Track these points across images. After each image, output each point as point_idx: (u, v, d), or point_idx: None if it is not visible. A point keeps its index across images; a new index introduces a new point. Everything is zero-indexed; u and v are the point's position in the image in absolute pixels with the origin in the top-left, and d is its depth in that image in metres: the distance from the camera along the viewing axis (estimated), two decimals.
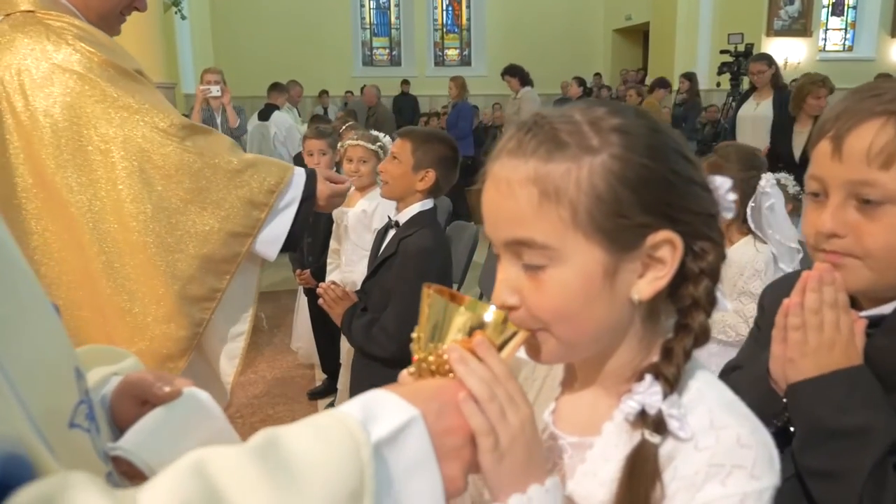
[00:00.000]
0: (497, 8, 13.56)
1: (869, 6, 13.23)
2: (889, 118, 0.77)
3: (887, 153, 0.76)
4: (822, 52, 12.63)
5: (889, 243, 0.78)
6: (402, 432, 0.54)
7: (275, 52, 11.61)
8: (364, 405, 0.55)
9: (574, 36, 13.49)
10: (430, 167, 2.01)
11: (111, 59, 1.43)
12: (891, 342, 0.82)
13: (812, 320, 0.80)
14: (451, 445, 0.57)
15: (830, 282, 0.80)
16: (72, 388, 0.58)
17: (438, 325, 0.62)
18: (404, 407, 0.56)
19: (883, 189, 0.77)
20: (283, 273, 5.80)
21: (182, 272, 1.46)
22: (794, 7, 12.14)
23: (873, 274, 0.80)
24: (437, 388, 0.60)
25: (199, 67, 8.79)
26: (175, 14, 7.57)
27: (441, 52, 14.31)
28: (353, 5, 13.39)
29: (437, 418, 0.56)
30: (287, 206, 1.60)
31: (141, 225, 1.42)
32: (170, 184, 1.44)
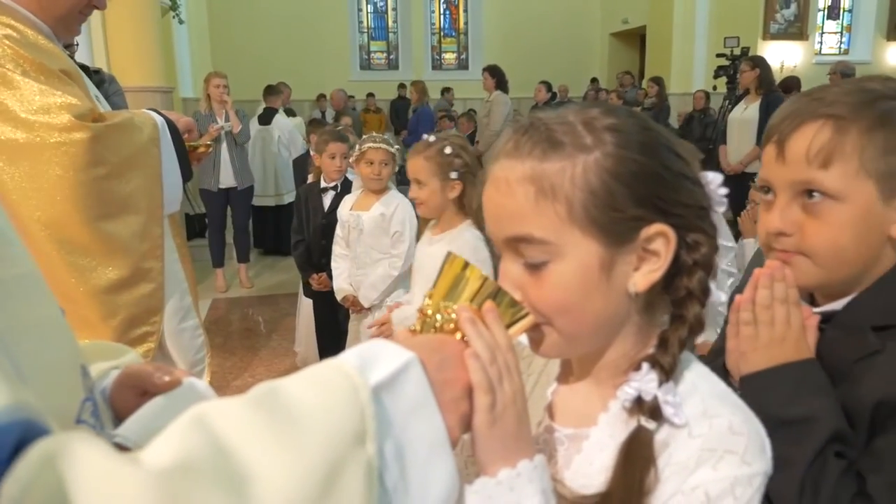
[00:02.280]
0: (495, 12, 13.59)
1: (864, 10, 13.27)
2: (827, 120, 0.81)
3: (825, 153, 0.80)
4: (819, 56, 12.67)
5: (832, 240, 0.81)
6: (400, 376, 0.55)
7: (273, 57, 11.62)
8: (360, 353, 0.56)
9: (571, 40, 13.52)
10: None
11: (33, 58, 1.46)
12: (840, 336, 0.85)
13: (763, 315, 0.83)
14: (450, 397, 0.58)
15: (781, 278, 0.82)
16: (78, 386, 0.59)
17: (453, 289, 0.65)
18: (400, 352, 0.56)
19: (823, 187, 0.80)
20: (280, 276, 5.82)
21: (133, 234, 1.59)
22: (791, 11, 12.18)
23: (821, 270, 0.83)
24: (441, 341, 0.61)
25: (197, 72, 8.79)
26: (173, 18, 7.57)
27: (439, 56, 14.33)
28: (351, 9, 13.41)
29: (439, 369, 0.57)
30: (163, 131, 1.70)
31: (71, 200, 1.49)
32: (87, 158, 1.49)
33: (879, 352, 0.80)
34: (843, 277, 0.84)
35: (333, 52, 12.83)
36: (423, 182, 2.06)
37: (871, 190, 0.80)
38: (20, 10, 1.49)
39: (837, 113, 0.80)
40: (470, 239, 2.02)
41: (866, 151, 0.79)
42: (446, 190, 2.06)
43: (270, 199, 6.24)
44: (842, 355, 0.83)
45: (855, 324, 0.84)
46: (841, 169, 0.79)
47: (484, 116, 6.93)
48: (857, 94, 0.81)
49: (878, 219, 0.81)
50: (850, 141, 0.79)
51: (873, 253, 0.82)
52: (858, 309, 0.84)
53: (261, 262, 6.37)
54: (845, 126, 0.79)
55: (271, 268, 6.16)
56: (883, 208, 0.80)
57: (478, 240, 2.02)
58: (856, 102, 0.80)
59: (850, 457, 0.79)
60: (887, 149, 0.79)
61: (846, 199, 0.80)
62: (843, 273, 0.83)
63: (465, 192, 2.07)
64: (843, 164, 0.79)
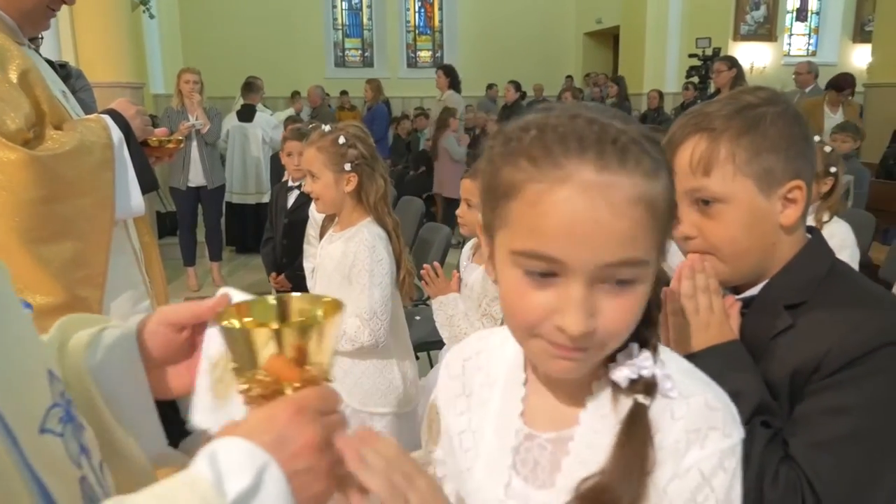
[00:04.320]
0: (469, 10, 13.60)
1: (832, 13, 13.54)
2: (703, 134, 0.93)
3: (704, 163, 0.92)
4: (787, 57, 12.90)
5: (728, 236, 0.92)
6: (259, 484, 0.53)
7: (246, 53, 11.49)
8: (212, 461, 0.53)
9: (545, 39, 13.59)
10: None
11: None
12: (758, 317, 0.95)
13: (688, 305, 0.92)
14: (304, 467, 0.56)
15: (701, 269, 0.92)
16: (44, 392, 0.57)
17: (245, 351, 0.61)
18: (255, 454, 0.54)
19: (710, 192, 0.92)
20: (254, 275, 5.76)
21: (72, 259, 1.49)
22: (760, 12, 12.39)
23: (727, 266, 0.94)
24: (269, 418, 0.57)
25: (169, 68, 8.66)
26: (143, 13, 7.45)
27: (414, 54, 14.30)
28: (325, 6, 13.31)
29: (281, 447, 0.55)
30: (120, 150, 1.63)
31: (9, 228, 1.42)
32: (22, 181, 1.43)
33: (792, 327, 0.90)
34: (749, 267, 0.95)
35: (308, 49, 12.74)
36: (316, 174, 1.91)
37: (751, 187, 0.91)
38: None
39: (710, 126, 0.92)
40: (367, 238, 1.88)
41: (738, 156, 0.90)
42: (341, 183, 1.90)
43: (251, 198, 6.16)
44: (761, 334, 0.93)
45: (770, 304, 0.93)
46: (720, 174, 0.91)
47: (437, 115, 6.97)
48: (727, 107, 0.93)
49: (765, 212, 0.91)
50: (722, 149, 0.91)
51: (768, 241, 0.93)
52: (771, 291, 0.95)
53: (234, 261, 6.30)
54: (717, 136, 0.91)
55: (245, 266, 6.09)
56: (766, 203, 0.91)
57: (377, 238, 1.89)
58: (727, 114, 0.92)
59: (775, 426, 0.87)
60: (756, 151, 0.90)
61: (731, 199, 0.91)
62: (746, 263, 0.94)
63: (363, 186, 1.92)
64: (720, 169, 0.91)
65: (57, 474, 0.55)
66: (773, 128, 0.91)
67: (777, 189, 0.91)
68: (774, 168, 0.90)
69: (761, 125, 0.91)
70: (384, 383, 1.91)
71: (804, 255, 0.95)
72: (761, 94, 0.95)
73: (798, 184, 0.91)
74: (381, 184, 1.93)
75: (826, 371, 0.85)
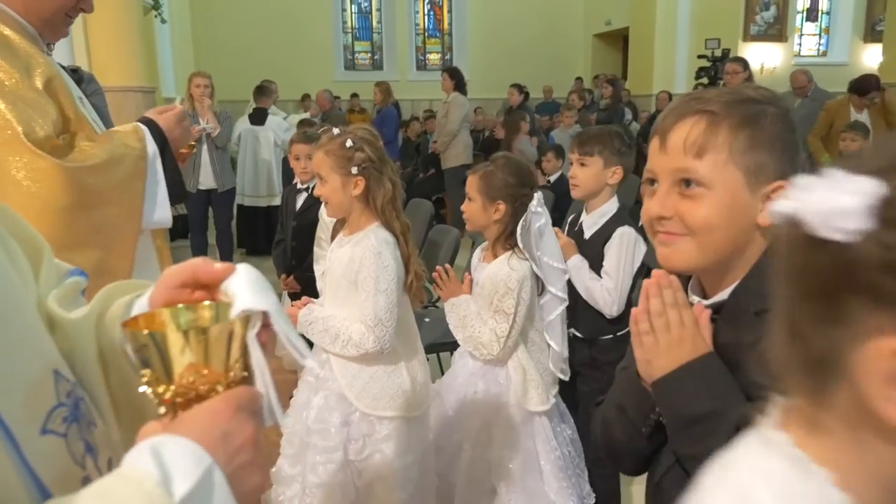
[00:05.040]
0: (479, 12, 13.61)
1: (842, 12, 13.45)
2: (702, 115, 0.90)
3: (699, 144, 0.89)
4: (798, 57, 12.83)
5: (706, 218, 0.90)
6: (202, 486, 0.53)
7: (256, 57, 11.55)
8: (157, 458, 0.52)
9: (554, 41, 13.57)
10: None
11: (8, 67, 1.40)
12: (731, 325, 0.92)
13: (658, 323, 0.90)
14: (245, 461, 0.59)
15: (667, 284, 0.90)
16: (48, 393, 0.58)
17: (159, 358, 0.60)
18: (200, 456, 0.54)
19: (697, 175, 0.90)
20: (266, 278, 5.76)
21: (92, 267, 1.42)
22: (770, 13, 12.33)
23: (698, 250, 0.91)
24: (209, 413, 0.59)
25: (180, 72, 8.72)
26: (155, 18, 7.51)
27: (423, 57, 14.32)
28: (335, 9, 13.37)
29: (226, 443, 0.57)
30: (153, 161, 1.62)
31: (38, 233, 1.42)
32: (52, 188, 1.42)
33: (762, 336, 0.83)
34: (718, 259, 0.92)
35: (317, 52, 12.79)
36: (324, 178, 1.89)
37: (739, 179, 0.89)
38: (5, 10, 1.44)
39: (711, 109, 0.90)
40: (374, 244, 1.85)
41: (735, 145, 0.89)
42: (348, 187, 1.87)
43: (262, 200, 6.20)
44: (735, 343, 0.89)
45: (741, 310, 0.90)
46: (712, 158, 0.89)
47: (443, 117, 6.97)
48: (730, 95, 0.92)
49: (746, 206, 0.90)
50: (721, 134, 0.89)
51: (743, 238, 0.91)
52: (741, 296, 0.92)
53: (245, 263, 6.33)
54: (717, 121, 0.89)
55: (256, 268, 6.12)
56: (750, 198, 0.89)
57: (383, 244, 1.86)
58: (728, 101, 0.90)
59: None
60: (752, 146, 0.89)
61: (717, 185, 0.89)
62: (717, 254, 0.91)
63: (370, 189, 1.88)
64: (714, 154, 0.89)
65: (59, 475, 0.55)
66: (772, 126, 0.90)
67: (763, 186, 0.90)
68: (766, 165, 0.90)
69: (762, 121, 0.90)
70: (393, 387, 1.91)
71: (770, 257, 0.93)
72: (764, 92, 0.95)
73: (783, 184, 0.89)
74: (389, 187, 1.91)
75: None
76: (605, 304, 2.19)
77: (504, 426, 2.03)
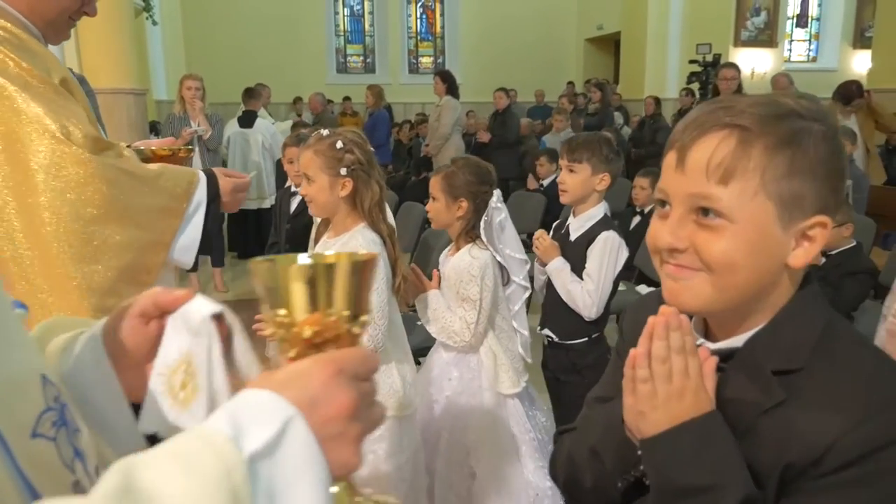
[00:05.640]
0: (471, 16, 13.64)
1: (832, 19, 13.57)
2: (732, 131, 0.74)
3: (725, 167, 0.73)
4: (788, 63, 12.92)
5: (725, 256, 0.74)
6: (281, 441, 0.49)
7: (248, 59, 11.54)
8: (233, 414, 0.50)
9: (547, 45, 13.62)
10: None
11: (32, 68, 1.39)
12: (742, 381, 0.78)
13: (660, 370, 0.76)
14: (334, 433, 0.53)
15: (676, 326, 0.76)
16: (36, 397, 0.57)
17: (271, 290, 0.59)
18: (278, 408, 0.51)
19: (720, 204, 0.74)
20: None
21: (98, 284, 1.42)
22: (761, 18, 12.42)
23: (713, 290, 0.76)
24: (305, 374, 0.55)
25: (172, 74, 8.71)
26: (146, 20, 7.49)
27: (415, 60, 14.35)
28: (328, 12, 13.37)
29: (312, 409, 0.52)
30: (196, 209, 1.60)
31: (54, 235, 1.38)
32: (84, 193, 1.40)
33: (783, 403, 0.74)
34: (736, 302, 0.78)
35: (310, 55, 12.79)
36: (311, 177, 1.90)
37: (770, 212, 0.74)
38: (10, 11, 1.42)
39: (743, 124, 0.74)
40: (362, 243, 1.87)
41: (769, 171, 0.73)
42: (335, 187, 1.88)
43: (252, 203, 6.18)
44: (745, 404, 0.77)
45: (755, 365, 0.78)
46: (740, 186, 0.73)
47: (435, 120, 6.99)
48: (768, 107, 0.75)
49: (775, 245, 0.75)
50: (754, 156, 0.73)
51: (768, 280, 0.77)
52: (758, 348, 0.78)
53: (237, 266, 6.31)
54: (750, 140, 0.73)
55: (247, 272, 6.09)
56: (781, 234, 0.75)
57: (371, 244, 1.88)
58: (764, 115, 0.74)
59: None
60: (792, 171, 0.73)
61: (742, 219, 0.74)
62: (735, 297, 0.77)
63: (358, 191, 1.90)
64: (742, 181, 0.73)
65: (49, 479, 0.54)
66: (816, 149, 0.74)
67: (798, 222, 0.75)
68: (804, 196, 0.74)
69: (804, 141, 0.73)
70: (384, 387, 1.92)
71: (797, 309, 0.79)
72: (806, 104, 0.77)
73: (823, 220, 0.75)
74: (377, 190, 1.93)
75: (828, 467, 0.70)
76: (584, 307, 2.24)
77: (479, 410, 2.09)
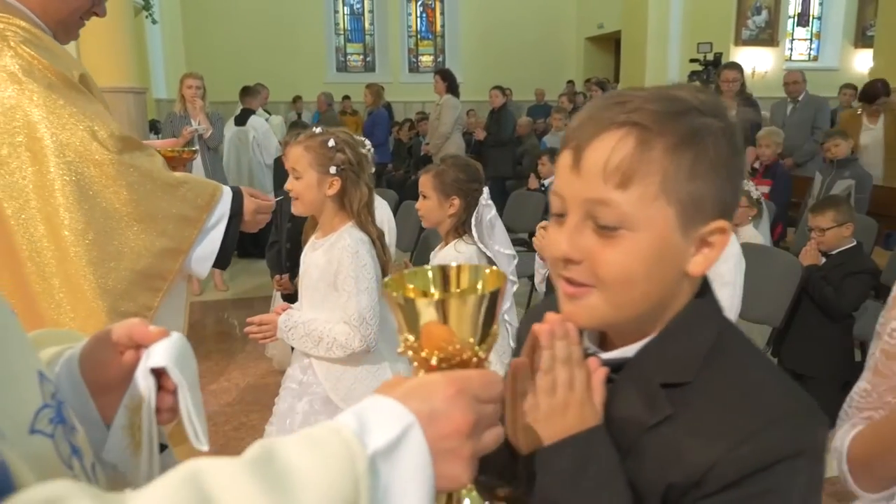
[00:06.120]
0: (471, 15, 13.63)
1: (833, 18, 13.56)
2: (630, 130, 0.67)
3: (623, 170, 0.66)
4: (789, 62, 12.91)
5: (625, 272, 0.68)
6: (400, 444, 0.54)
7: (248, 58, 11.53)
8: (360, 414, 0.55)
9: (547, 43, 13.61)
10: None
11: (53, 66, 1.40)
12: (630, 394, 0.73)
13: (543, 382, 0.71)
14: (448, 447, 0.57)
15: (563, 335, 0.71)
16: (34, 393, 0.57)
17: (404, 318, 0.63)
18: (400, 414, 0.56)
19: (618, 211, 0.67)
20: (256, 280, 5.76)
21: (114, 287, 1.43)
22: (762, 17, 12.41)
23: (610, 308, 0.70)
24: (429, 390, 0.59)
25: (171, 73, 8.70)
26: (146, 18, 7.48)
27: (415, 59, 14.33)
28: (327, 11, 13.36)
29: (431, 422, 0.56)
30: (216, 223, 1.61)
31: (73, 234, 1.39)
32: (104, 194, 1.41)
33: (670, 417, 0.69)
34: (634, 316, 0.71)
35: (309, 53, 12.77)
36: (299, 173, 1.88)
37: (671, 218, 0.67)
38: (25, 11, 1.43)
39: (642, 122, 0.67)
40: (350, 243, 1.86)
41: (669, 173, 0.66)
42: (323, 185, 1.87)
43: None
44: (631, 419, 0.71)
45: (644, 378, 0.72)
46: (640, 191, 0.66)
47: (435, 119, 7.00)
48: (665, 103, 0.68)
49: (676, 252, 0.69)
50: (654, 159, 0.66)
51: (667, 291, 0.71)
52: (649, 359, 0.73)
53: (235, 265, 6.31)
54: (650, 139, 0.66)
55: (246, 271, 6.10)
56: (681, 241, 0.69)
57: (359, 243, 1.87)
58: (663, 112, 0.67)
59: None
60: (694, 173, 0.67)
61: (641, 227, 0.67)
62: (632, 311, 0.71)
63: (346, 192, 1.90)
64: (643, 186, 0.66)
65: (47, 476, 0.53)
66: (716, 148, 0.68)
67: (700, 227, 0.69)
68: (704, 199, 0.68)
69: (706, 140, 0.67)
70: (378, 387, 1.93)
71: (689, 319, 0.73)
72: (704, 98, 0.70)
73: (723, 225, 0.70)
74: (366, 192, 1.92)
75: (710, 489, 0.66)
76: None
77: None
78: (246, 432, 3.20)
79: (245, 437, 3.15)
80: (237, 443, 3.10)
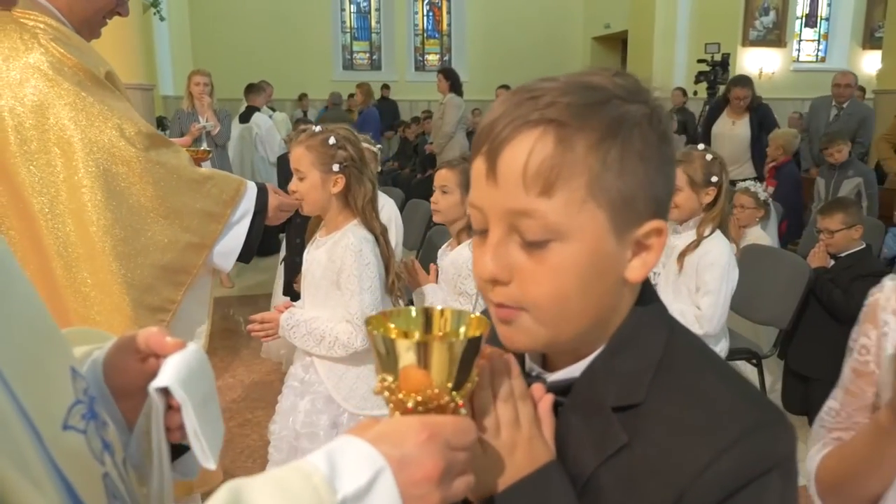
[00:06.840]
0: (478, 14, 13.63)
1: (841, 18, 13.51)
2: (546, 128, 0.59)
3: (545, 175, 0.58)
4: (796, 63, 12.87)
5: (559, 290, 0.60)
6: (370, 488, 0.53)
7: (255, 55, 11.55)
8: (330, 457, 0.54)
9: (554, 43, 13.59)
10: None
11: (82, 63, 1.42)
12: (579, 423, 0.65)
13: (486, 423, 0.64)
14: (418, 494, 0.56)
15: (502, 370, 0.64)
16: (67, 390, 0.58)
17: (381, 357, 0.60)
18: (371, 458, 0.54)
19: (544, 222, 0.59)
20: (260, 276, 5.77)
21: (139, 281, 1.45)
22: (769, 18, 12.36)
23: (546, 330, 0.62)
24: (401, 435, 0.57)
25: (179, 69, 8.72)
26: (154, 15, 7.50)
27: (421, 57, 14.33)
28: (334, 9, 13.37)
29: (402, 467, 0.55)
30: (240, 218, 1.62)
31: (100, 230, 1.40)
32: (132, 190, 1.43)
33: (626, 446, 0.62)
34: (575, 334, 0.64)
35: (316, 51, 12.79)
36: (303, 173, 1.88)
37: (602, 223, 0.60)
38: (51, 9, 1.45)
39: (559, 118, 0.58)
40: (354, 242, 1.85)
41: (596, 172, 0.59)
42: (328, 184, 1.86)
43: None
44: (584, 451, 0.64)
45: (594, 401, 0.65)
46: (566, 196, 0.58)
47: (439, 118, 7.00)
48: (581, 94, 0.60)
49: (611, 260, 0.62)
50: (577, 159, 0.58)
51: (607, 302, 0.64)
52: (595, 380, 0.65)
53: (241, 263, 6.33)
54: (569, 137, 0.58)
55: (252, 267, 6.10)
56: (616, 246, 0.61)
57: (363, 241, 1.87)
58: (580, 104, 0.59)
59: None
60: (622, 169, 0.59)
61: (571, 236, 0.59)
62: (572, 329, 0.63)
63: (350, 189, 1.89)
64: (568, 190, 0.58)
65: (80, 470, 0.55)
66: (643, 137, 0.60)
67: (634, 229, 0.62)
68: (637, 196, 0.61)
69: (629, 129, 0.60)
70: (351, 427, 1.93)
71: (633, 330, 0.66)
72: (622, 82, 0.63)
73: (659, 226, 0.62)
74: (370, 187, 1.92)
75: None
76: None
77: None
78: (251, 429, 3.21)
79: (250, 434, 3.16)
80: (242, 439, 3.10)
